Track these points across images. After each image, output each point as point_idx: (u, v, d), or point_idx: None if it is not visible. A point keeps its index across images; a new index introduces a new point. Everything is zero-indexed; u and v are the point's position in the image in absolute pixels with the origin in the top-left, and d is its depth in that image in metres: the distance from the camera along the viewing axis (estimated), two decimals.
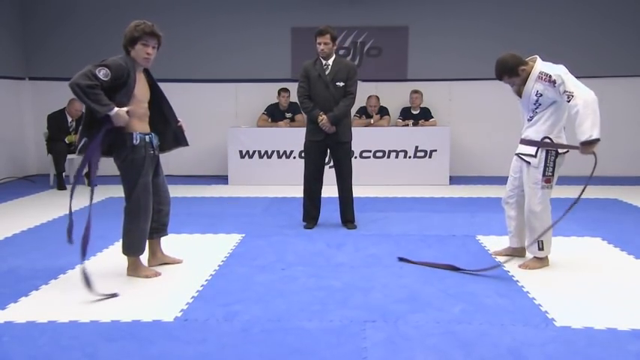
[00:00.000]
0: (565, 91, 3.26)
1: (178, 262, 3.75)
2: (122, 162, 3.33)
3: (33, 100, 7.92)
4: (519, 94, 3.54)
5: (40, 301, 3.11)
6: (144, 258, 3.59)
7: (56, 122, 6.86)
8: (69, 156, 6.85)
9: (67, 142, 6.81)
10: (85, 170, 7.06)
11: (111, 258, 3.94)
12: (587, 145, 3.21)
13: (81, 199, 6.00)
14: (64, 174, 6.77)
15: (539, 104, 3.42)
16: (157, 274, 3.48)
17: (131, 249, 3.44)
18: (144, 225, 3.40)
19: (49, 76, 7.87)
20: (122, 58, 3.24)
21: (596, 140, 3.17)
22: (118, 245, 4.23)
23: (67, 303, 3.06)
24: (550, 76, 3.31)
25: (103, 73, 3.09)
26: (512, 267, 3.65)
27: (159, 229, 3.60)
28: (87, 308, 2.97)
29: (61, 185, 6.69)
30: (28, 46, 7.92)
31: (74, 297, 3.15)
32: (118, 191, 6.61)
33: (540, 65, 3.41)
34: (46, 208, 5.60)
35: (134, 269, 3.48)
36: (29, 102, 7.94)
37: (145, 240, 3.47)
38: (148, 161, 3.35)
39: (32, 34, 7.91)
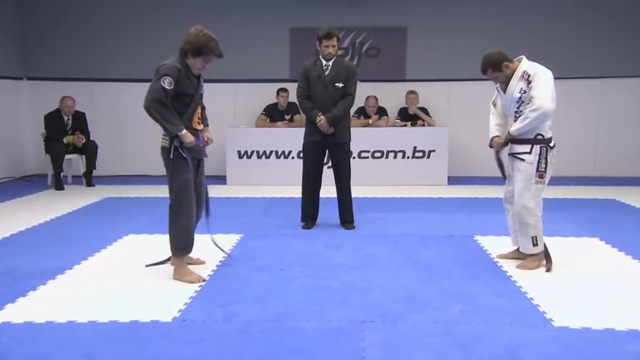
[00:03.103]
0: (531, 95, 3.41)
1: (202, 263, 3.72)
2: (164, 159, 3.36)
3: (31, 100, 7.90)
4: (504, 90, 3.61)
5: (38, 301, 3.10)
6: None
7: (53, 122, 6.84)
8: (67, 156, 6.84)
9: (65, 142, 6.79)
10: (84, 171, 7.11)
11: (108, 258, 3.93)
12: (508, 135, 3.59)
13: (80, 200, 6.02)
14: (62, 174, 6.75)
15: (522, 102, 3.48)
16: (201, 280, 3.39)
17: (174, 248, 3.41)
18: (185, 222, 3.37)
19: (47, 76, 7.85)
20: (178, 62, 3.24)
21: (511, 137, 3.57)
22: (116, 245, 4.25)
23: (65, 303, 3.05)
24: (529, 76, 3.43)
25: (167, 82, 3.17)
26: (510, 267, 3.66)
27: None
28: (85, 308, 2.97)
29: (59, 185, 6.68)
30: (27, 46, 7.90)
31: (72, 297, 3.15)
32: (116, 191, 6.64)
33: (525, 65, 3.50)
34: (43, 209, 5.58)
35: (179, 273, 3.41)
36: (27, 102, 7.92)
37: (188, 239, 3.44)
38: (190, 161, 3.36)
39: (30, 34, 7.89)
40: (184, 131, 3.25)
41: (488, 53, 3.57)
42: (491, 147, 3.79)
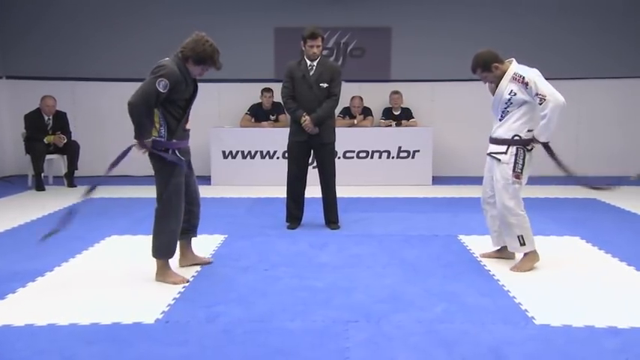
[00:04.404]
0: (537, 94, 3.40)
1: (208, 262, 3.72)
2: (156, 162, 3.30)
3: (10, 100, 7.76)
4: (494, 92, 3.62)
5: (18, 304, 3.05)
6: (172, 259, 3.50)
7: (33, 122, 6.74)
8: (48, 156, 6.74)
9: (45, 142, 6.69)
10: (65, 171, 7.00)
11: (90, 260, 3.88)
12: (538, 143, 3.54)
13: (61, 200, 5.93)
14: (42, 175, 6.65)
15: (511, 103, 3.51)
16: (184, 281, 3.36)
17: (160, 251, 3.36)
18: (174, 227, 3.34)
19: (27, 75, 7.72)
20: (177, 65, 3.19)
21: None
22: (98, 247, 4.20)
23: (45, 306, 3.00)
24: (523, 78, 3.44)
25: (162, 85, 3.12)
26: (493, 266, 3.69)
27: (189, 229, 3.55)
28: (65, 311, 2.92)
29: (39, 186, 6.58)
30: (6, 44, 7.76)
31: (52, 300, 3.10)
32: (98, 192, 6.49)
33: (515, 67, 3.53)
34: (24, 210, 5.49)
35: (162, 274, 3.37)
36: (7, 101, 7.78)
37: (175, 243, 3.40)
38: (184, 163, 3.34)
39: (10, 32, 7.75)
40: (146, 142, 3.20)
41: (479, 52, 3.57)
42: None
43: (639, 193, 6.52)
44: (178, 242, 3.50)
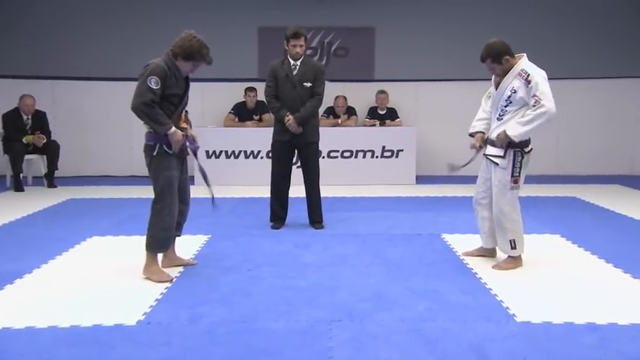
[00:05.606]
0: (534, 95, 3.35)
1: (191, 264, 3.70)
2: (146, 156, 3.37)
3: None
4: (497, 86, 3.54)
5: None
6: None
7: (12, 121, 6.62)
8: (27, 156, 6.63)
9: (24, 142, 6.58)
10: (45, 171, 6.90)
11: (71, 261, 3.83)
12: (505, 137, 3.43)
13: (41, 201, 5.83)
14: (21, 175, 6.53)
15: (511, 102, 3.45)
16: (170, 280, 3.36)
17: (151, 245, 3.39)
18: (167, 221, 3.37)
19: (4, 73, 7.56)
20: (165, 62, 3.27)
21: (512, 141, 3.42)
22: (79, 248, 4.14)
23: (24, 308, 2.96)
24: (528, 75, 3.37)
25: (154, 82, 3.20)
26: (476, 264, 3.73)
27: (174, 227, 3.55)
28: (45, 313, 2.88)
29: (18, 187, 6.46)
30: None
31: (31, 302, 3.05)
32: (79, 192, 6.46)
33: (524, 63, 3.46)
34: (2, 211, 5.39)
35: (150, 271, 3.39)
36: None
37: (168, 237, 3.44)
38: (173, 157, 3.37)
39: None
40: (173, 129, 3.27)
41: (492, 42, 3.47)
42: (471, 136, 3.71)
43: (618, 191, 6.65)
44: None
